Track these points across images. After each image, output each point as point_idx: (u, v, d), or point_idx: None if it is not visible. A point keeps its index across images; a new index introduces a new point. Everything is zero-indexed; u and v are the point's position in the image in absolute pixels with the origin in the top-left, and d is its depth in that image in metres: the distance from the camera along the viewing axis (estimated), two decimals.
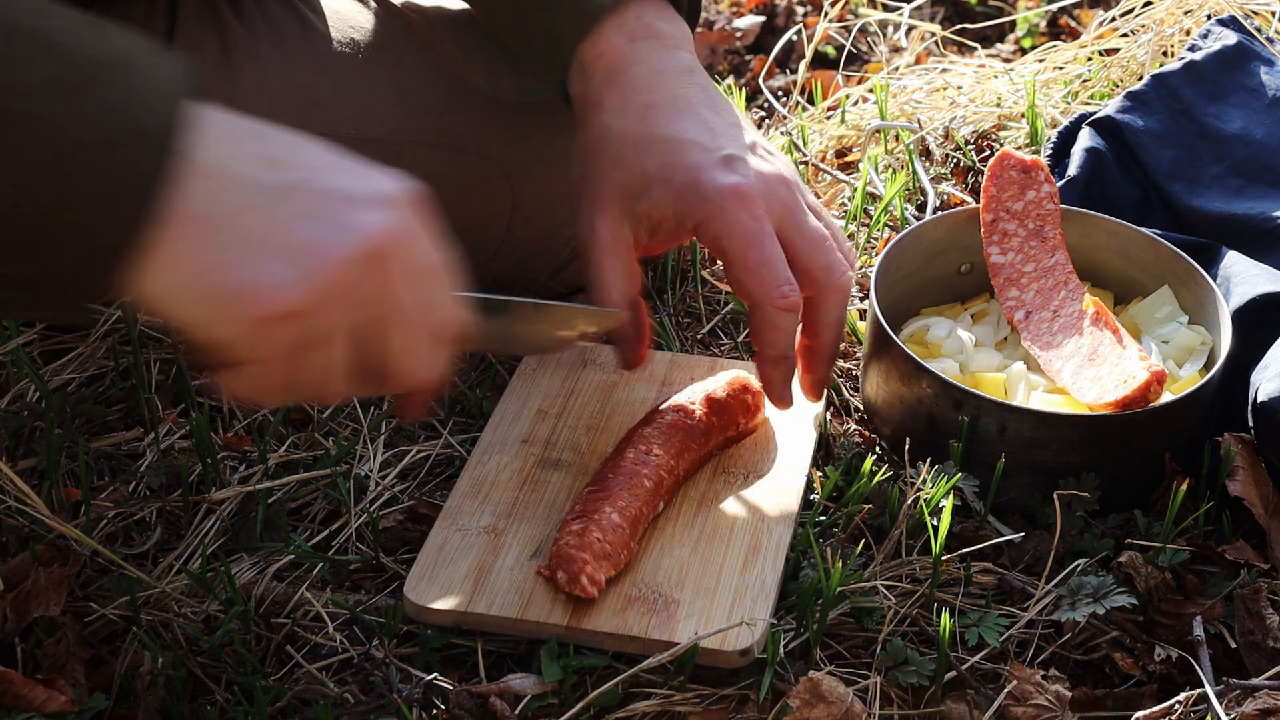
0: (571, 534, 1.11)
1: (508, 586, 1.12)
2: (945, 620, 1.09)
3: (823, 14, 2.03)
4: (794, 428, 1.29)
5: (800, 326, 1.21)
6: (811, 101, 1.90)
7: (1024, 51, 2.25)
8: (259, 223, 0.80)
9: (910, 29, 2.14)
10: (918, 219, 1.57)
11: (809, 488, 1.25)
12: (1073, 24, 2.38)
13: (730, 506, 1.20)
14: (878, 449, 1.31)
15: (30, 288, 0.74)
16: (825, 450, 1.31)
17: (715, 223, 1.16)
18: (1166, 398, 1.24)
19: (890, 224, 1.61)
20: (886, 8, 2.20)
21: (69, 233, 0.70)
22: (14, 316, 0.75)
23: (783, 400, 1.23)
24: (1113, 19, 1.88)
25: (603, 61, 1.22)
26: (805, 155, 1.74)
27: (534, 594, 1.12)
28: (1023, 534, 1.22)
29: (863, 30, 2.23)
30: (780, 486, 1.23)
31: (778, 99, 2.00)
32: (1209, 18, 1.74)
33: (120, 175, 0.70)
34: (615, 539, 1.11)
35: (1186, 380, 1.30)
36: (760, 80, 2.05)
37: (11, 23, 0.67)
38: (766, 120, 1.95)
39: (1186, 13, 1.81)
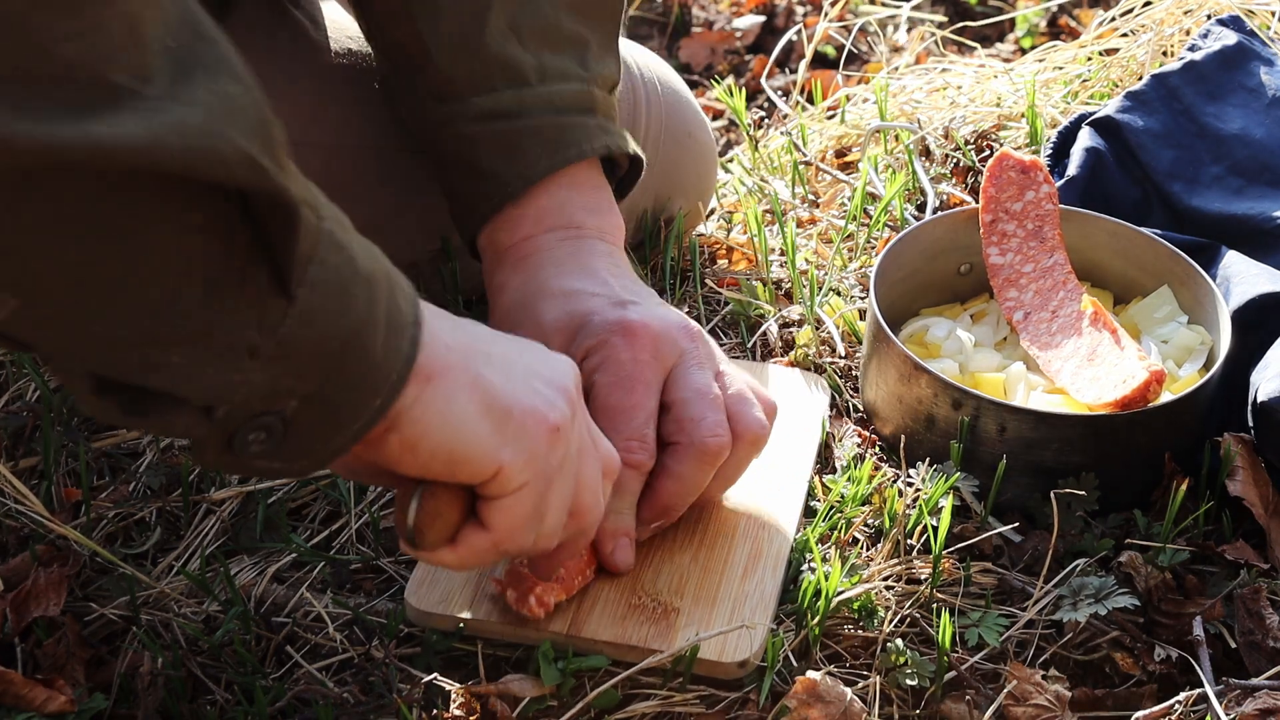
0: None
1: None
2: (945, 620, 1.09)
3: (823, 14, 2.03)
4: (795, 436, 1.28)
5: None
6: (811, 101, 1.90)
7: (1024, 51, 2.25)
8: (508, 358, 0.93)
9: (910, 28, 2.14)
10: (917, 219, 1.57)
11: (810, 495, 1.24)
12: (1073, 24, 2.38)
13: (731, 515, 1.20)
14: (877, 449, 1.31)
15: (299, 418, 0.82)
16: (825, 452, 1.31)
17: (595, 355, 1.12)
18: (1166, 397, 1.24)
19: (890, 224, 1.61)
20: (886, 7, 2.20)
21: (363, 352, 0.83)
22: (244, 470, 0.86)
23: (611, 558, 1.12)
24: (1113, 19, 1.87)
25: (513, 253, 1.21)
26: (805, 155, 1.74)
27: None
28: (1020, 530, 1.22)
29: (863, 30, 2.23)
30: (781, 495, 1.22)
31: (778, 99, 2.00)
32: (1209, 18, 1.74)
33: (399, 314, 0.85)
34: (570, 564, 1.10)
35: (1186, 380, 1.30)
36: (763, 80, 2.05)
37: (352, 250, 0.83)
38: (766, 120, 1.95)
39: (1186, 13, 1.81)
